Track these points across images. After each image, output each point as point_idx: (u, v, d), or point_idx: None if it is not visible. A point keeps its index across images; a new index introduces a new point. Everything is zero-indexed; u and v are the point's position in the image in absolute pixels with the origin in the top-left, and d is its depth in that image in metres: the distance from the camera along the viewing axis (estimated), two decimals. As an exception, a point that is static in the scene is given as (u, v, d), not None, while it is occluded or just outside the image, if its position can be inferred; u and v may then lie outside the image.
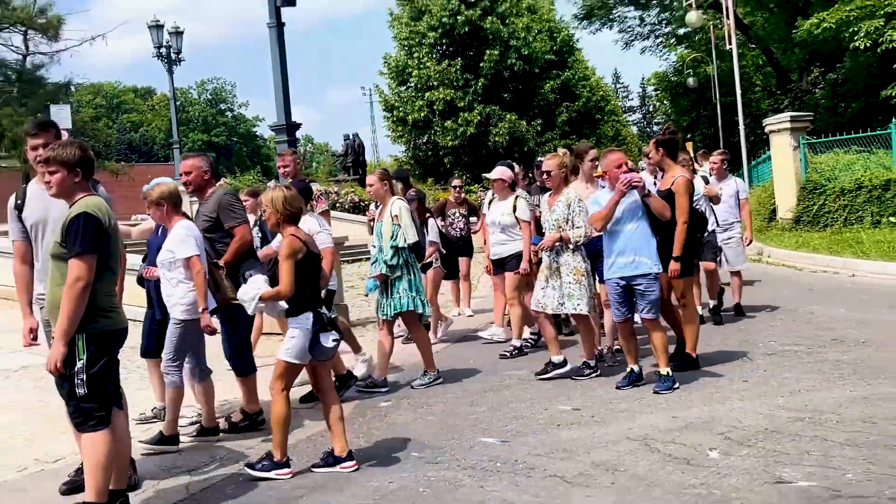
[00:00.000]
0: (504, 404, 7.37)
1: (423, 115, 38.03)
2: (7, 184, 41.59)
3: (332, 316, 6.21)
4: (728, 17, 26.05)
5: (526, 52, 37.80)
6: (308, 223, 7.41)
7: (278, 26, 11.84)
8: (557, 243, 7.88)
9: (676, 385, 7.38)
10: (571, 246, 7.87)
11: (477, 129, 37.11)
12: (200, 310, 6.44)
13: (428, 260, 10.17)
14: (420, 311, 8.17)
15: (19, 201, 5.90)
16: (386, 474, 5.70)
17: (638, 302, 7.54)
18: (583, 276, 7.90)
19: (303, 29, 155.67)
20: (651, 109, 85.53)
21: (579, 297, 7.85)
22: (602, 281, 8.54)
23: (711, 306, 10.72)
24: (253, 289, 5.82)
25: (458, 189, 12.37)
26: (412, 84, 38.99)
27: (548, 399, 7.45)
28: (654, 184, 8.90)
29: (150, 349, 7.26)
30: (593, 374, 8.00)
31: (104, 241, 4.85)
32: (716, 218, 10.31)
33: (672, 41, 46.65)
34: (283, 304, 5.86)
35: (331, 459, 5.88)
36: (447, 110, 37.67)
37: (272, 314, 6.11)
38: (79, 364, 4.73)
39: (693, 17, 27.93)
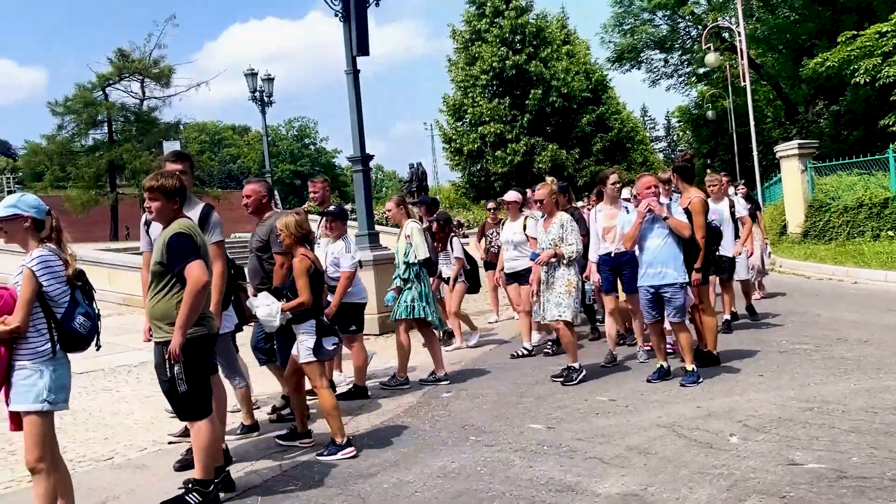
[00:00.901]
0: (549, 395, 7.33)
1: (476, 146, 38.06)
2: (127, 209, 42.66)
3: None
4: (742, 58, 25.65)
5: (565, 91, 37.69)
6: (336, 246, 7.59)
7: (354, 73, 11.95)
8: (553, 259, 7.73)
9: (701, 379, 7.27)
10: (565, 261, 7.72)
11: (523, 157, 37.05)
12: None
13: (454, 275, 10.25)
14: (427, 318, 8.13)
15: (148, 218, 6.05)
16: (448, 455, 5.70)
17: (666, 307, 7.44)
18: (574, 289, 7.73)
19: (372, 70, 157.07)
20: (675, 139, 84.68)
21: (566, 306, 7.67)
22: (626, 290, 8.47)
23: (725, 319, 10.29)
24: (268, 306, 5.93)
25: (493, 211, 12.13)
26: (467, 119, 39.09)
27: (587, 391, 7.40)
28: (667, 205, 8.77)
29: None
30: (579, 377, 7.70)
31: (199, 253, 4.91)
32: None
33: (693, 79, 46.21)
34: (289, 314, 5.98)
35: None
36: (497, 142, 37.66)
37: (282, 322, 6.06)
38: (176, 367, 4.74)
39: (711, 58, 27.57)
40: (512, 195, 9.78)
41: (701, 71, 41.60)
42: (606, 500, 4.60)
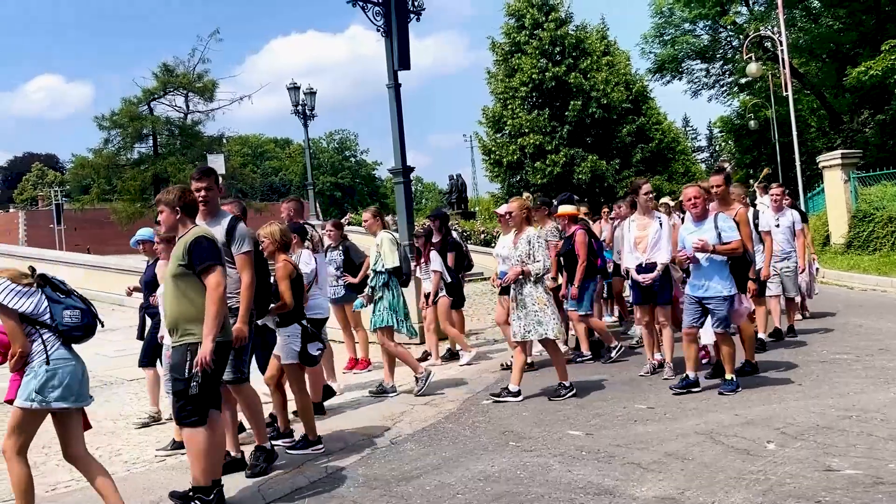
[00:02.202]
0: (588, 403, 7.44)
1: (516, 157, 38.17)
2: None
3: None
4: (784, 68, 25.49)
5: (605, 102, 37.67)
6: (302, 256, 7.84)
7: (396, 87, 12.18)
8: (520, 276, 7.68)
9: (739, 389, 7.32)
10: (532, 278, 7.65)
11: (563, 168, 37.06)
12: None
13: (433, 289, 10.10)
14: (395, 326, 8.39)
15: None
16: (488, 459, 5.85)
17: (710, 317, 7.47)
18: (545, 305, 7.66)
19: (413, 82, 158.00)
20: (717, 149, 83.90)
21: (546, 324, 7.62)
22: (658, 301, 8.44)
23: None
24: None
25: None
26: (506, 131, 39.22)
27: (625, 399, 7.50)
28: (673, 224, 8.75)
29: (145, 361, 7.73)
30: (569, 395, 7.66)
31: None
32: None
33: (734, 89, 45.86)
34: (276, 317, 6.39)
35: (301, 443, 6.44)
36: (537, 153, 37.72)
37: (272, 325, 6.50)
38: (196, 369, 4.90)
39: (753, 68, 27.41)
40: (503, 208, 9.91)
41: (743, 81, 41.25)
42: (643, 503, 4.72)
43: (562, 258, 9.53)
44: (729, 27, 40.71)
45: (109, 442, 7.11)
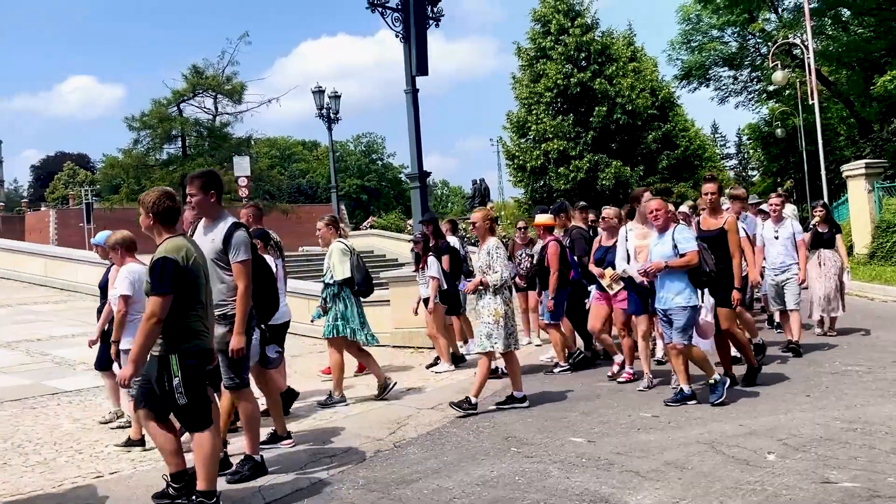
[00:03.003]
0: (594, 411, 7.45)
1: (539, 162, 38.07)
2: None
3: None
4: (810, 76, 25.27)
5: (630, 108, 37.50)
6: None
7: (413, 92, 12.26)
8: (480, 287, 7.67)
9: (690, 401, 7.32)
10: (490, 290, 7.61)
11: (586, 174, 36.92)
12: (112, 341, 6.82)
13: (432, 294, 10.05)
14: (347, 336, 8.37)
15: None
16: (489, 464, 5.88)
17: (671, 328, 7.45)
18: (501, 318, 7.59)
19: (442, 87, 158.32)
20: (746, 156, 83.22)
21: (496, 337, 7.56)
22: (639, 312, 8.46)
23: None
24: None
25: (522, 230, 11.62)
26: (531, 136, 39.14)
27: (632, 407, 7.49)
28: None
29: (101, 364, 7.75)
30: (520, 406, 7.67)
31: (183, 278, 4.97)
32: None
33: (763, 96, 45.53)
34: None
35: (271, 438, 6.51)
36: (560, 158, 37.59)
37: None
38: (175, 380, 4.92)
39: (778, 76, 27.17)
40: (542, 218, 9.99)
41: (771, 88, 40.92)
42: (637, 511, 4.73)
43: (536, 269, 9.51)
44: (757, 34, 40.44)
45: (120, 438, 7.19)
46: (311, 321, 9.68)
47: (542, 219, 9.64)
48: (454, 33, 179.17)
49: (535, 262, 9.59)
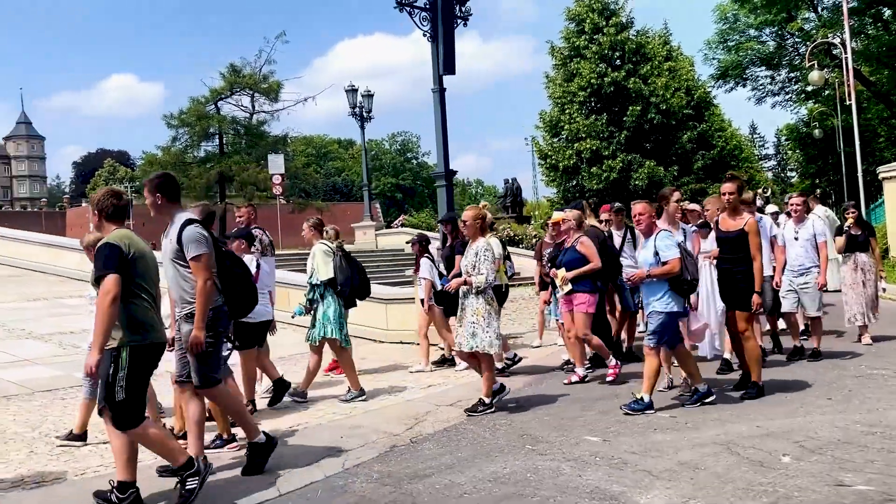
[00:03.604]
0: (612, 410, 7.40)
1: (572, 162, 37.87)
2: (234, 219, 44.36)
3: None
4: (848, 77, 24.88)
5: (665, 108, 37.16)
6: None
7: (440, 91, 12.31)
8: (464, 287, 7.62)
9: (651, 410, 7.16)
10: (474, 290, 7.55)
11: (619, 174, 36.64)
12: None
13: (426, 296, 10.03)
14: (331, 336, 8.42)
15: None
16: (502, 461, 5.89)
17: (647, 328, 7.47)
18: (482, 318, 7.53)
19: (477, 86, 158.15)
20: (784, 158, 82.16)
21: (481, 337, 7.50)
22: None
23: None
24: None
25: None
26: (563, 136, 38.95)
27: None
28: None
29: None
30: (487, 411, 7.49)
31: (127, 265, 5.02)
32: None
33: (801, 97, 44.90)
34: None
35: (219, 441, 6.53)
36: (593, 158, 37.36)
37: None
38: (120, 373, 4.94)
39: (815, 76, 26.77)
40: (557, 215, 9.92)
41: (810, 88, 40.34)
42: (646, 510, 4.72)
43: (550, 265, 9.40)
44: (796, 33, 39.92)
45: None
46: (292, 317, 9.77)
47: (559, 215, 9.61)
48: (490, 33, 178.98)
49: (546, 260, 9.54)
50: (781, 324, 10.54)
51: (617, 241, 10.08)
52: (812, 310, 9.64)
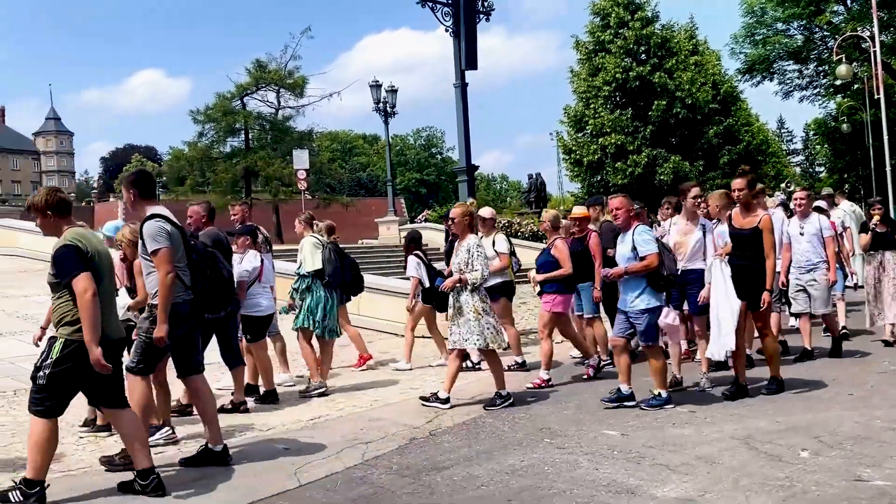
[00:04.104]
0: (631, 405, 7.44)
1: (596, 157, 37.79)
2: (260, 213, 44.64)
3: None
4: (876, 70, 24.58)
5: (690, 102, 36.93)
6: (235, 259, 8.29)
7: (462, 86, 12.35)
8: (458, 284, 7.60)
9: (671, 405, 7.14)
10: (469, 287, 7.55)
11: (644, 169, 36.51)
12: None
13: (411, 293, 10.12)
14: (310, 328, 8.71)
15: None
16: (520, 454, 5.94)
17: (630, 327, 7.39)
18: (480, 315, 7.51)
19: (502, 81, 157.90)
20: (812, 152, 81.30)
21: (478, 335, 7.48)
22: (691, 311, 8.29)
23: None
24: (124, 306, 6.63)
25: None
26: (588, 131, 38.86)
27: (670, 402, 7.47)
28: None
29: None
30: (504, 404, 7.52)
31: (87, 261, 5.05)
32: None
33: (830, 91, 44.40)
34: (129, 313, 6.67)
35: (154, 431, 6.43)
36: (618, 153, 37.25)
37: (131, 318, 6.80)
38: (48, 360, 4.99)
39: (843, 70, 26.45)
40: (487, 211, 10.10)
41: (838, 82, 39.90)
42: (662, 503, 4.74)
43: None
44: (824, 27, 39.50)
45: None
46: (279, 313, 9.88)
47: (578, 211, 9.62)
48: (515, 29, 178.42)
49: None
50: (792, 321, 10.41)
51: None
52: (821, 307, 9.35)
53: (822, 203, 11.60)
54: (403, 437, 6.60)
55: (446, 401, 7.61)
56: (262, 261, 8.53)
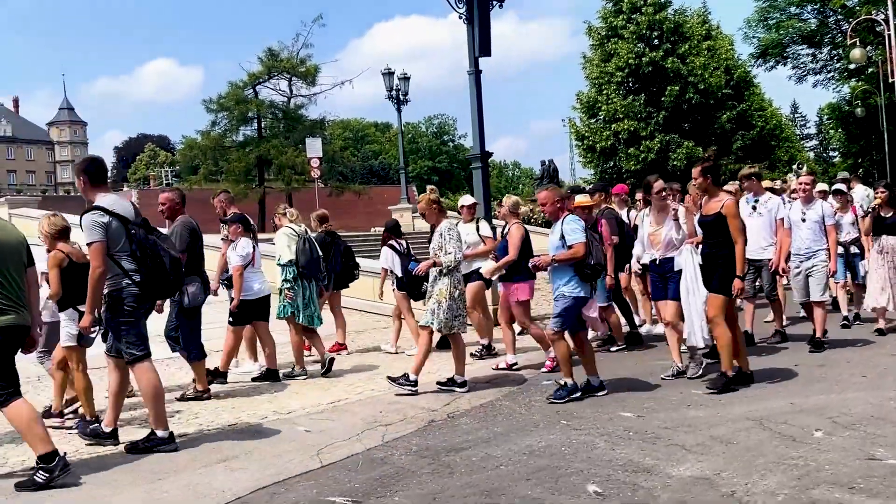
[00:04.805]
0: (644, 388, 7.51)
1: (609, 143, 37.71)
2: (273, 202, 44.77)
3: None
4: (891, 54, 24.45)
5: (703, 87, 36.77)
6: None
7: (476, 73, 12.39)
8: (433, 269, 7.76)
9: (575, 395, 7.11)
10: (444, 270, 7.66)
11: (657, 155, 36.41)
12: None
13: (381, 283, 10.32)
14: (287, 315, 8.99)
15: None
16: (537, 435, 6.04)
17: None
18: (445, 299, 7.62)
19: (515, 68, 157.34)
20: (826, 137, 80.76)
21: (434, 315, 7.63)
22: (671, 297, 8.09)
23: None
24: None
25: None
26: (601, 116, 38.75)
27: (685, 384, 7.56)
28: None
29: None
30: (459, 390, 7.67)
31: None
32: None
33: (844, 75, 44.12)
34: (52, 303, 6.85)
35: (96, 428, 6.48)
36: (631, 139, 37.17)
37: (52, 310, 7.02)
38: None
39: (857, 53, 26.34)
40: (468, 199, 10.24)
41: (852, 66, 39.63)
42: (678, 481, 4.82)
43: None
44: (838, 10, 39.24)
45: (189, 406, 7.60)
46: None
47: (580, 199, 9.61)
48: (528, 14, 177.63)
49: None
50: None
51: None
52: (817, 294, 8.97)
53: (842, 186, 11.50)
54: (422, 420, 6.72)
55: (414, 383, 7.72)
56: (253, 246, 8.86)
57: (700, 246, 7.63)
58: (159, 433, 6.03)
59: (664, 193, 8.14)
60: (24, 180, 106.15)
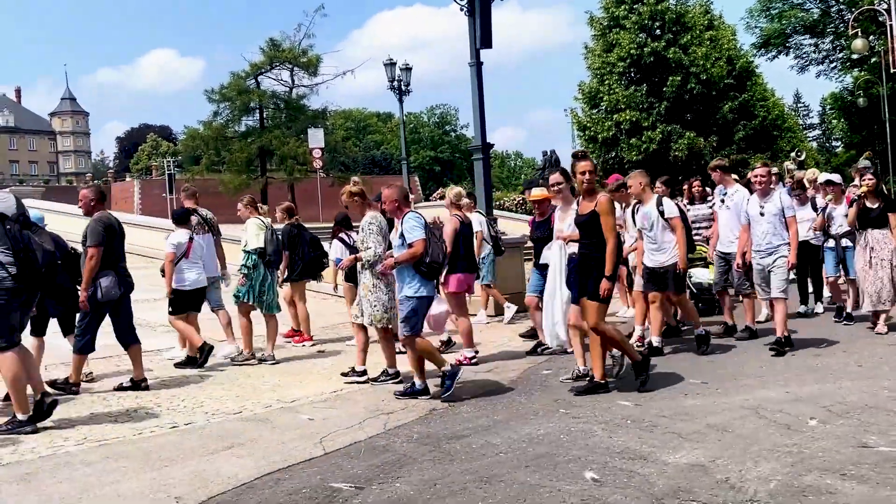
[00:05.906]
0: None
1: (611, 133, 37.70)
2: (275, 191, 44.89)
3: None
4: (893, 44, 24.45)
5: (705, 77, 36.74)
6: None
7: (477, 65, 12.46)
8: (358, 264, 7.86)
9: (422, 394, 7.18)
10: (366, 264, 7.66)
11: (659, 145, 36.42)
12: None
13: (333, 276, 10.48)
14: (245, 301, 9.36)
15: None
16: (537, 424, 6.14)
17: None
18: (369, 293, 7.64)
19: (515, 58, 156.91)
20: (829, 127, 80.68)
21: (362, 310, 7.73)
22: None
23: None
24: None
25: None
26: (602, 107, 38.74)
27: (682, 373, 7.64)
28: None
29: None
30: (390, 381, 7.76)
31: None
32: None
33: (847, 65, 44.10)
34: None
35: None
36: (632, 129, 37.15)
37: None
38: None
39: (859, 43, 26.35)
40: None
41: (854, 56, 39.60)
42: (674, 468, 4.93)
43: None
44: (840, 0, 39.20)
45: (195, 395, 7.72)
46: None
47: (536, 192, 9.57)
48: (529, 4, 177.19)
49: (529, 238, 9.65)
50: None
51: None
52: (777, 291, 8.52)
53: (835, 177, 11.43)
54: (423, 409, 6.82)
55: (363, 373, 7.91)
56: (189, 238, 9.15)
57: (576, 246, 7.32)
58: (19, 416, 6.39)
59: (557, 188, 7.82)
60: (26, 171, 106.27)
